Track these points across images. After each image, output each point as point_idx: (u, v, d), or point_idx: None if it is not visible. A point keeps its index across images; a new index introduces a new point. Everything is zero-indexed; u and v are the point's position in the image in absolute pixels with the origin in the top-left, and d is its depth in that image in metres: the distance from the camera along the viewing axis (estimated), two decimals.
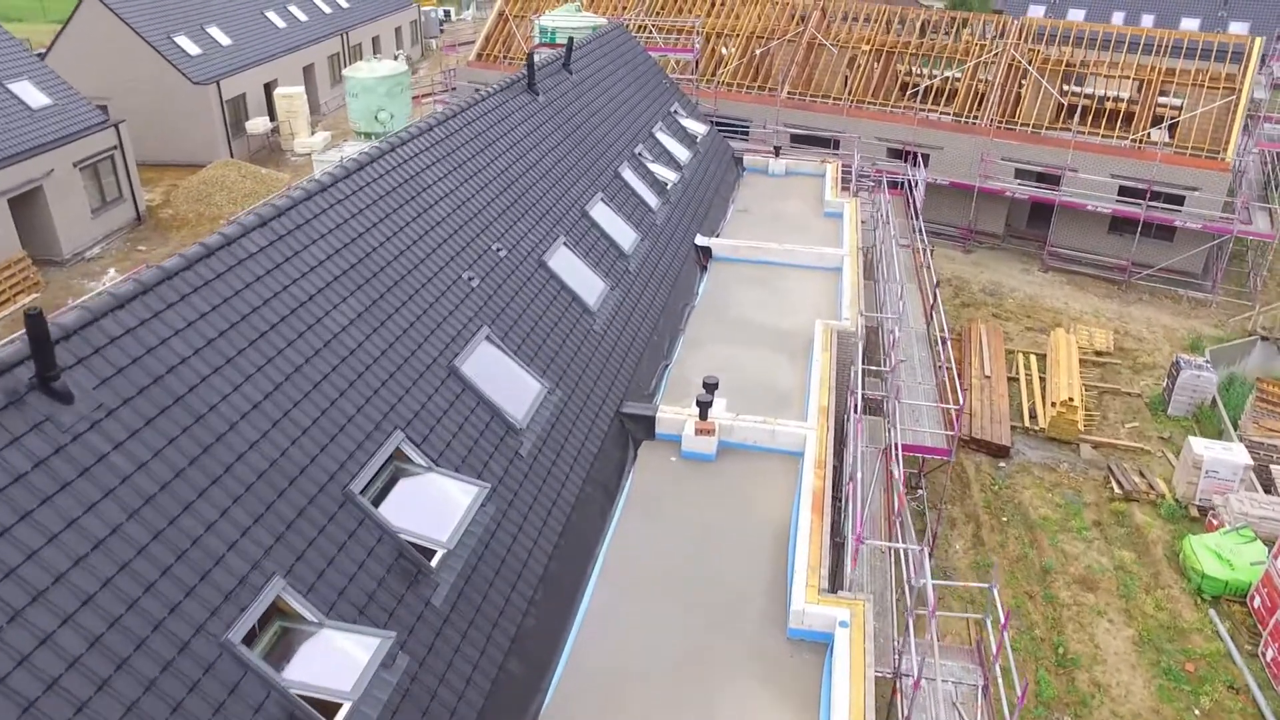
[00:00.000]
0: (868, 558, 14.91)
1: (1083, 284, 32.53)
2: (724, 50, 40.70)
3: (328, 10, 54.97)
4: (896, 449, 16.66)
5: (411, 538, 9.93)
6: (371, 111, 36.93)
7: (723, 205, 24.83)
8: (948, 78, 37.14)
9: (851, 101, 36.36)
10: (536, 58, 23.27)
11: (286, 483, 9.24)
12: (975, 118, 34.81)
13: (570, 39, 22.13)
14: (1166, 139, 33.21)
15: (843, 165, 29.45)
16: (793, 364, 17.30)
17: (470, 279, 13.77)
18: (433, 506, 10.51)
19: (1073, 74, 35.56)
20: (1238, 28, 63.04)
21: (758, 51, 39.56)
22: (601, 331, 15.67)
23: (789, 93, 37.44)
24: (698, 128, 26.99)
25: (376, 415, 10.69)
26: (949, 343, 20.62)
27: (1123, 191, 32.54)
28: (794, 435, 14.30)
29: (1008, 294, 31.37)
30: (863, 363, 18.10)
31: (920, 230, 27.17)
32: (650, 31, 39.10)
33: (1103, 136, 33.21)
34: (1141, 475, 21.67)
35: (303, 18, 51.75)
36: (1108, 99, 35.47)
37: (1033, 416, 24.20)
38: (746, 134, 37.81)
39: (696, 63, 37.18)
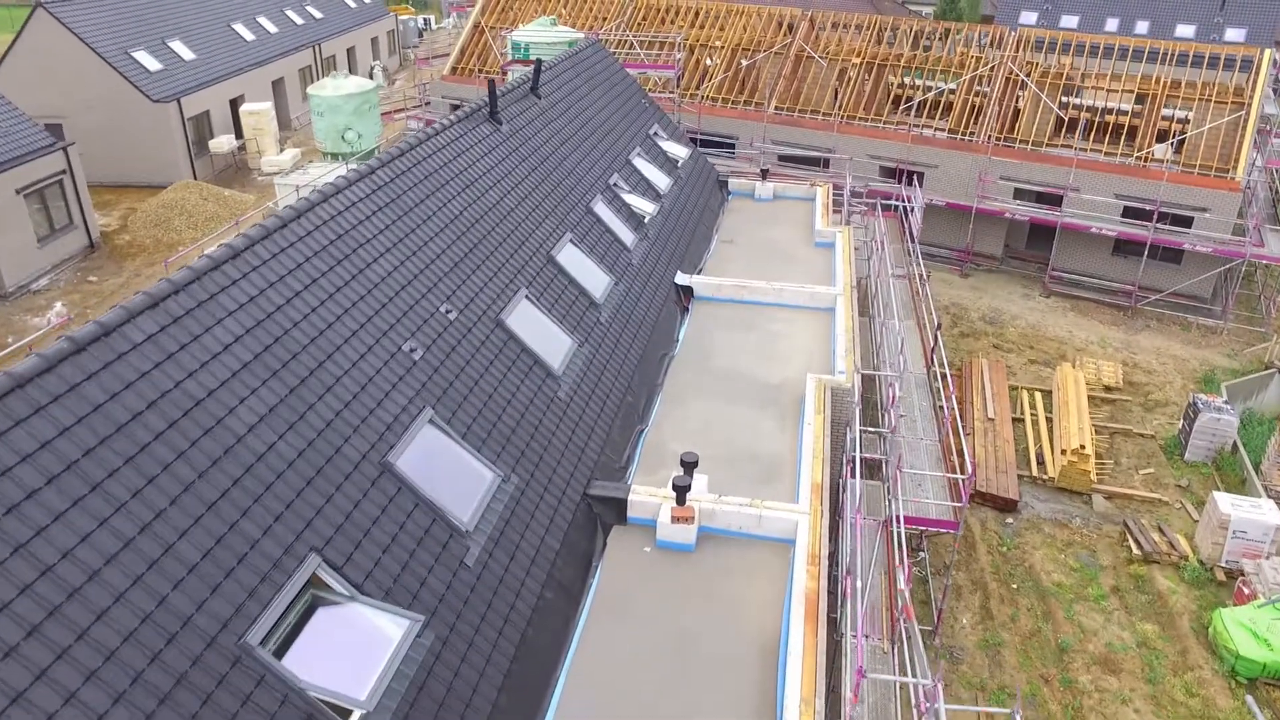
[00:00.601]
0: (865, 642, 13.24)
1: (1086, 310, 30.93)
2: (708, 61, 39.06)
3: (299, 21, 53.15)
4: (897, 522, 15.02)
5: (324, 695, 8.21)
6: (338, 131, 35.18)
7: (706, 235, 23.17)
8: (943, 90, 35.54)
9: (842, 117, 34.73)
10: (510, 76, 21.59)
11: (163, 642, 7.51)
12: (971, 134, 33.21)
13: (538, 61, 20.42)
14: (1172, 156, 31.67)
15: (834, 186, 27.84)
16: (782, 425, 15.64)
17: (412, 350, 12.04)
18: (354, 649, 8.79)
19: (1073, 87, 34.00)
20: (1234, 35, 61.71)
21: (743, 63, 37.92)
22: (567, 399, 13.97)
23: (776, 108, 35.80)
24: (679, 151, 25.33)
25: (287, 536, 8.95)
26: (950, 380, 19.02)
27: (1127, 212, 30.98)
28: (784, 521, 12.64)
29: (1009, 322, 29.75)
30: (860, 421, 16.49)
31: (917, 257, 25.55)
32: (631, 45, 37.43)
33: (1105, 154, 31.64)
34: (1161, 532, 20.02)
35: (272, 29, 49.91)
36: (1110, 111, 33.93)
37: (1040, 463, 22.53)
38: (732, 151, 36.17)
39: (679, 79, 35.48)
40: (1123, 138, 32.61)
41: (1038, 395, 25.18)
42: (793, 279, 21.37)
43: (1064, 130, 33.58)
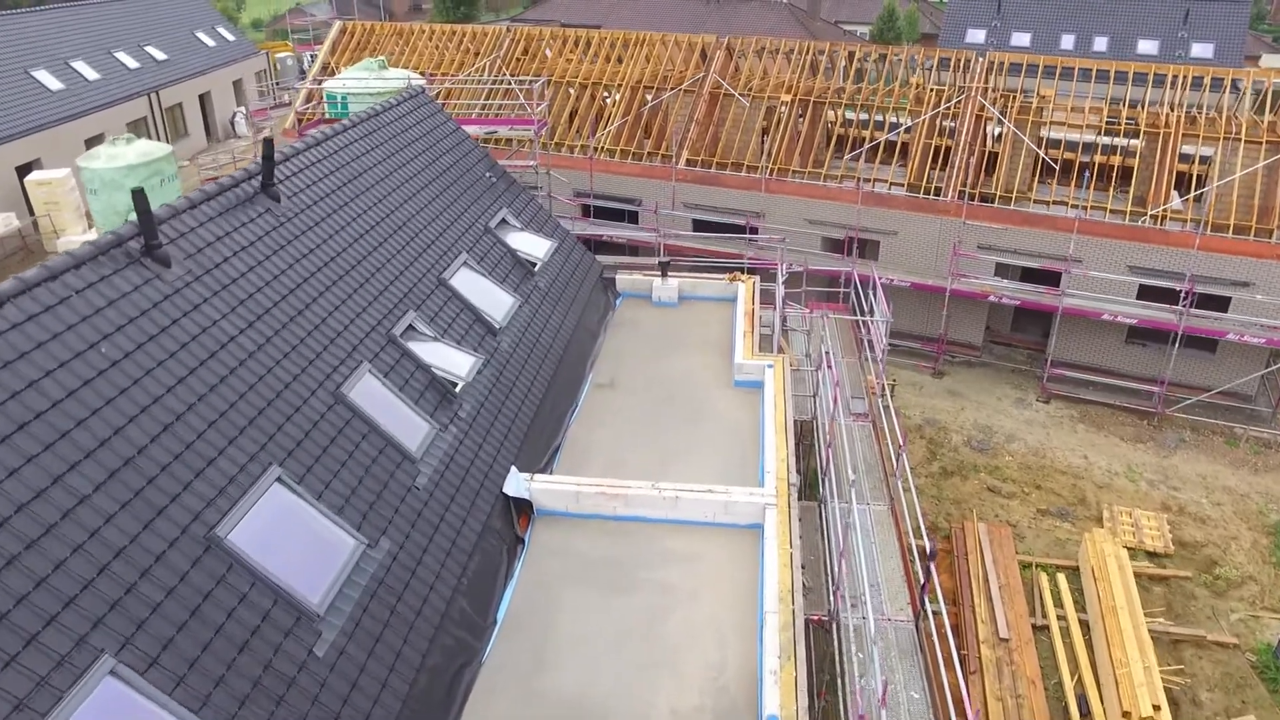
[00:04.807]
0: None
1: (1100, 420, 23.68)
2: (606, 97, 31.49)
3: (133, 65, 44.70)
4: None
5: None
6: (120, 214, 27.10)
7: (574, 379, 15.52)
8: (897, 129, 28.26)
9: (772, 171, 27.32)
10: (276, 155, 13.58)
11: None
12: (937, 189, 25.93)
13: (268, 141, 12.58)
14: (1194, 212, 24.66)
15: (764, 266, 20.48)
16: None
17: None
18: None
19: (1062, 125, 26.91)
20: (1200, 50, 55.81)
21: (649, 99, 30.38)
22: None
23: (689, 161, 28.29)
24: (537, 248, 17.64)
25: None
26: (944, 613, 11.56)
27: (1143, 290, 23.85)
28: None
29: (1003, 446, 22.36)
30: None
31: (882, 383, 18.14)
32: (509, 89, 29.67)
33: (1110, 212, 24.48)
34: None
35: (91, 76, 41.45)
36: (1110, 152, 26.99)
37: (1085, 715, 15.01)
38: (635, 219, 28.64)
39: (542, 133, 27.65)
40: (1132, 188, 25.54)
41: (1061, 578, 17.72)
42: (699, 457, 13.82)
43: (1055, 180, 26.44)
